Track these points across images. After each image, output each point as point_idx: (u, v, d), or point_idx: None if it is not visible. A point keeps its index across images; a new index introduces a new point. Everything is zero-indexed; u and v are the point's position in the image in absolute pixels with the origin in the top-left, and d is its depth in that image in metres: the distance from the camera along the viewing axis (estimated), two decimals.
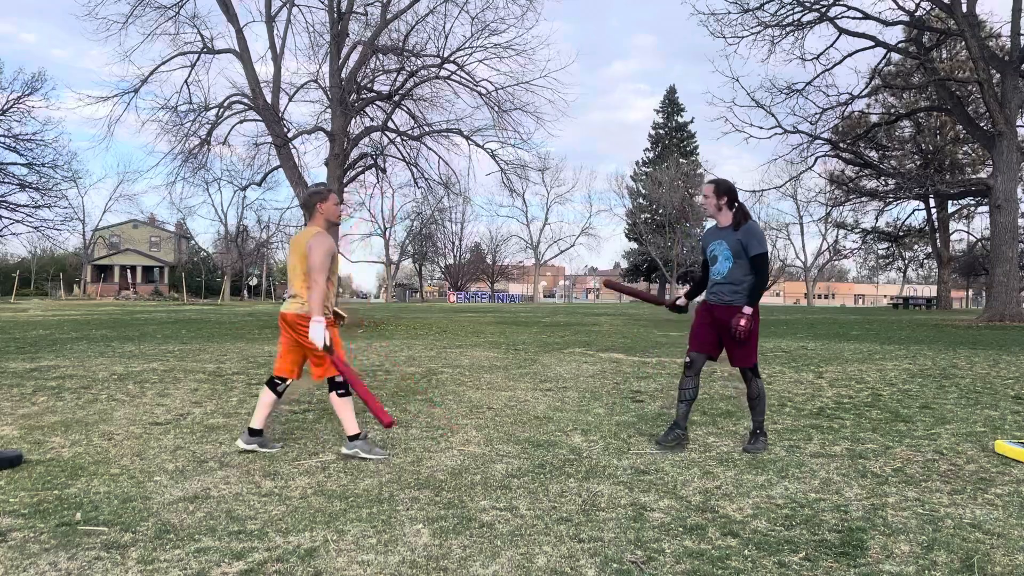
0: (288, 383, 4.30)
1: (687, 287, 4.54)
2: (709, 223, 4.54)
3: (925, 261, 54.84)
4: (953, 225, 42.17)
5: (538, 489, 3.45)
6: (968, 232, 46.66)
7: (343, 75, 18.45)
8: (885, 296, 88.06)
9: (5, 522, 2.94)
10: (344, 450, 4.15)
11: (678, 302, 4.69)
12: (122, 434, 4.63)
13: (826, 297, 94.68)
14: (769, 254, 4.30)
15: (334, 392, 4.14)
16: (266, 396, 4.28)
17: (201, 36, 18.37)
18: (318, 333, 3.94)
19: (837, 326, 19.07)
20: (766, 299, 76.59)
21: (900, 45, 25.49)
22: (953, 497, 3.38)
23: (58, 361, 8.66)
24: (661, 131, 71.79)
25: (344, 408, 4.12)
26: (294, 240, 4.25)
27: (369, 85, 19.77)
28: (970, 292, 68.59)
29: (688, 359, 4.37)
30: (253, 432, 4.24)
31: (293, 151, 18.80)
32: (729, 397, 6.29)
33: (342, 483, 3.54)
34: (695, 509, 3.17)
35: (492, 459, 4.03)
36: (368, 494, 3.36)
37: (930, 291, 65.78)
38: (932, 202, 38.41)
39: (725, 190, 4.33)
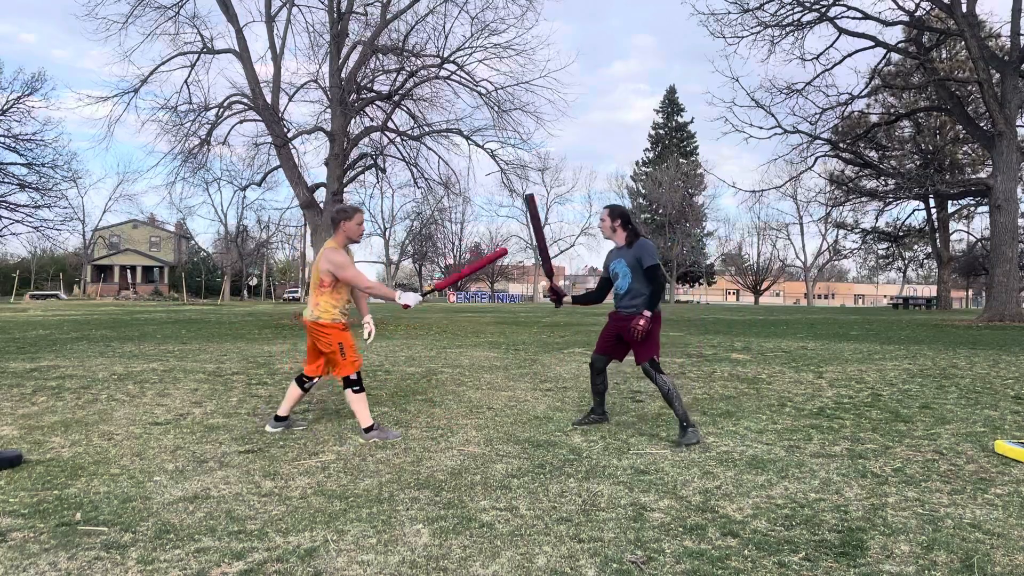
0: (315, 381, 4.76)
1: (570, 297, 5.13)
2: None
3: (925, 261, 54.91)
4: (953, 225, 42.20)
5: (538, 489, 3.45)
6: (968, 232, 46.73)
7: (343, 75, 18.45)
8: (885, 296, 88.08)
9: (5, 522, 2.94)
10: (362, 440, 4.51)
11: (564, 299, 5.05)
12: (122, 434, 4.63)
13: (826, 297, 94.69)
14: (661, 266, 4.78)
15: (349, 389, 4.54)
16: (294, 391, 4.75)
17: (201, 36, 18.38)
18: (407, 298, 4.48)
19: (837, 326, 19.07)
20: (766, 299, 76.57)
21: (900, 45, 25.50)
22: (953, 497, 3.38)
23: (58, 361, 8.66)
24: (661, 131, 71.79)
25: (358, 403, 4.53)
26: (319, 253, 4.64)
27: (369, 85, 19.76)
28: (970, 292, 68.60)
29: (591, 360, 5.01)
30: (279, 419, 4.76)
31: (293, 151, 18.81)
32: (729, 397, 6.29)
33: (342, 483, 3.54)
34: (695, 509, 3.17)
35: (492, 459, 4.03)
36: (368, 494, 3.36)
37: (930, 291, 65.82)
38: (932, 202, 38.43)
39: (619, 214, 4.86)
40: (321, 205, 18.91)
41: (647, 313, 4.49)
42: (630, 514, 3.09)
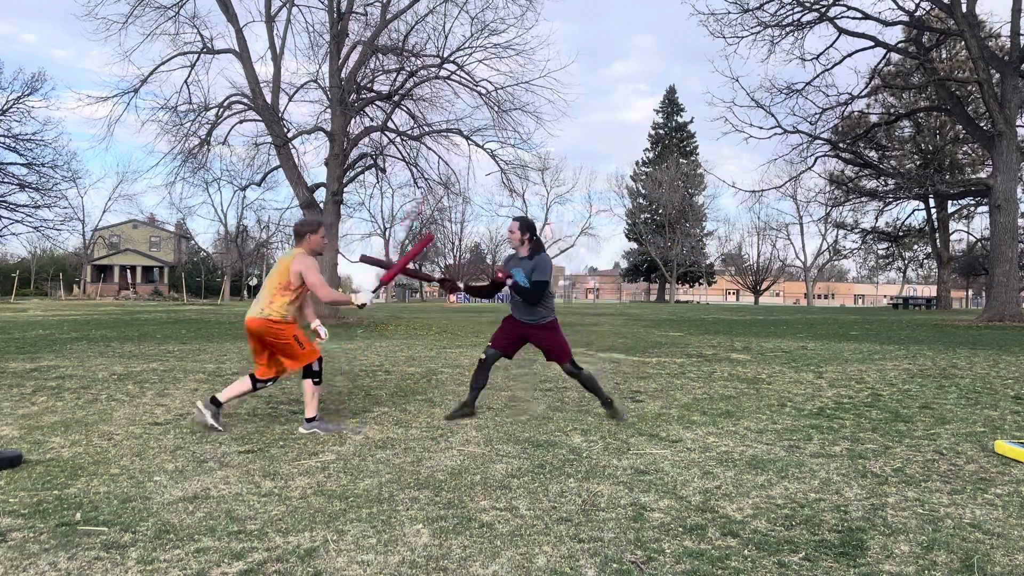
0: (268, 384, 4.82)
1: (462, 284, 5.32)
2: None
3: (925, 261, 54.90)
4: (953, 225, 42.18)
5: (538, 489, 3.45)
6: (968, 232, 46.71)
7: (343, 75, 18.45)
8: (885, 296, 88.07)
9: (5, 522, 2.94)
10: (302, 430, 4.72)
11: (460, 284, 5.13)
12: (122, 434, 4.63)
13: (826, 297, 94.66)
14: (550, 284, 5.05)
15: (308, 380, 4.72)
16: (243, 385, 4.79)
17: (201, 36, 18.38)
18: (363, 298, 4.67)
19: (837, 326, 19.07)
20: (766, 299, 76.53)
21: (900, 45, 25.50)
22: (953, 497, 3.38)
23: (58, 361, 8.66)
24: (661, 131, 71.79)
25: (311, 394, 4.71)
26: (281, 258, 4.85)
27: (369, 85, 19.76)
28: (970, 292, 68.61)
29: (484, 355, 5.14)
30: (215, 401, 4.73)
31: (293, 151, 18.81)
32: (729, 397, 6.29)
33: (342, 483, 3.54)
34: (695, 509, 3.17)
35: (492, 459, 4.03)
36: (368, 494, 3.36)
37: (930, 291, 65.77)
38: (932, 202, 38.42)
39: (528, 226, 5.08)
40: (321, 205, 18.90)
41: (511, 282, 4.91)
42: (630, 514, 3.09)
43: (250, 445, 4.34)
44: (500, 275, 4.96)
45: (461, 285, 5.13)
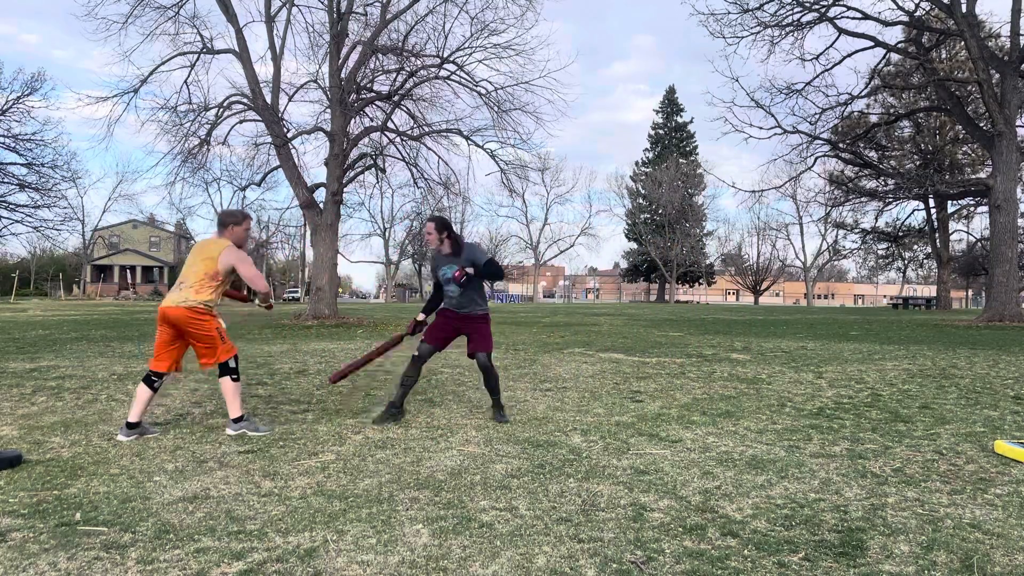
0: (165, 379, 4.63)
1: (422, 314, 5.44)
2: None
3: (925, 261, 54.89)
4: (953, 225, 42.18)
5: (538, 489, 3.45)
6: (968, 232, 46.71)
7: (343, 75, 18.45)
8: (885, 296, 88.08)
9: (5, 522, 2.94)
10: (229, 431, 4.57)
11: (418, 318, 5.25)
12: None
13: (826, 297, 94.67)
14: (494, 258, 5.28)
15: (227, 377, 4.56)
16: (143, 393, 4.52)
17: (201, 36, 18.39)
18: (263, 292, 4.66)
19: (837, 326, 19.07)
20: (765, 299, 76.57)
21: (900, 45, 25.49)
22: (953, 497, 3.38)
23: (58, 361, 8.66)
24: (661, 131, 71.80)
25: (233, 393, 4.57)
26: (201, 243, 4.69)
27: (369, 85, 19.77)
28: (970, 292, 68.60)
29: (417, 352, 5.14)
30: (131, 425, 4.49)
31: (293, 151, 18.82)
32: (729, 397, 6.29)
33: (342, 483, 3.54)
34: (695, 509, 3.17)
35: (492, 459, 4.03)
36: (368, 494, 3.36)
37: (930, 291, 65.77)
38: (932, 202, 38.43)
39: (443, 225, 5.13)
40: (321, 205, 18.91)
41: (469, 270, 4.93)
42: (630, 514, 3.09)
43: (250, 445, 4.34)
44: (458, 275, 4.97)
45: (423, 317, 5.24)
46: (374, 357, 5.43)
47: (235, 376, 4.60)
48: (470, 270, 4.95)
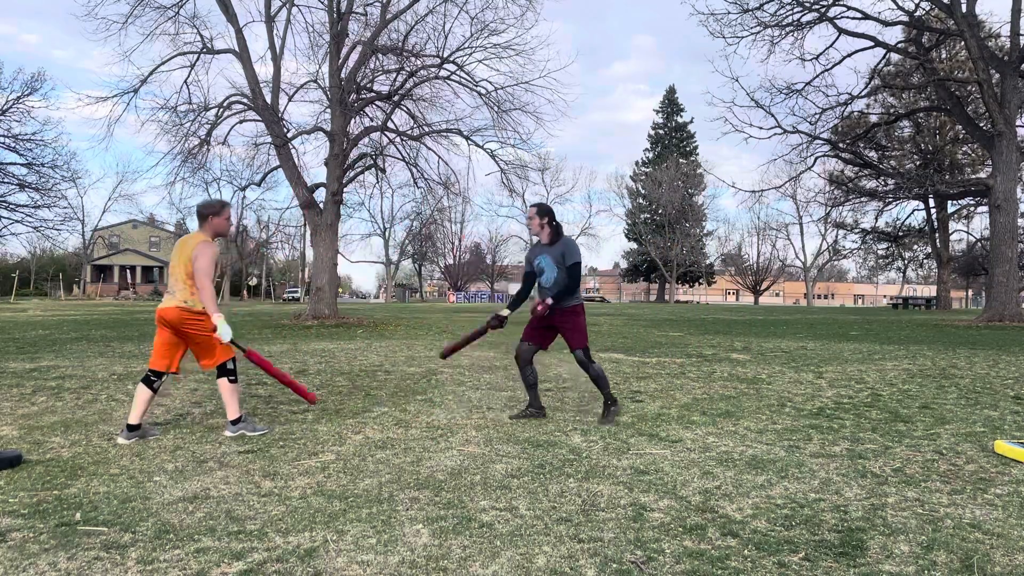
0: (164, 379, 4.61)
1: (506, 310, 5.21)
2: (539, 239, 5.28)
3: (925, 261, 54.88)
4: (953, 225, 42.18)
5: (538, 489, 3.45)
6: (968, 232, 46.72)
7: (343, 75, 18.45)
8: (885, 296, 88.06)
9: (5, 522, 2.94)
10: (228, 433, 4.55)
11: (502, 312, 5.19)
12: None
13: (826, 297, 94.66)
14: (582, 264, 5.07)
15: (224, 378, 4.54)
16: (143, 394, 4.49)
17: (201, 36, 18.38)
18: (224, 329, 4.38)
19: (837, 326, 19.07)
20: (765, 299, 76.58)
21: (900, 45, 25.49)
22: (953, 497, 3.38)
23: (58, 361, 8.66)
24: (661, 131, 71.81)
25: (231, 394, 4.54)
26: (179, 243, 4.61)
27: (369, 85, 19.77)
28: (970, 292, 68.61)
29: (516, 351, 5.15)
30: (131, 428, 4.46)
31: (292, 151, 18.81)
32: (729, 397, 6.29)
33: (342, 483, 3.54)
34: (695, 509, 3.17)
35: (492, 459, 4.03)
36: (368, 494, 3.36)
37: (930, 291, 65.78)
38: (932, 202, 38.43)
39: (545, 212, 5.07)
40: (321, 205, 18.91)
41: (549, 301, 4.90)
42: (630, 514, 3.09)
43: (250, 445, 4.34)
44: (540, 308, 4.93)
45: (506, 312, 5.17)
46: (463, 345, 5.45)
47: (233, 378, 4.56)
48: (549, 301, 4.91)
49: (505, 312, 5.19)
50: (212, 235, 4.64)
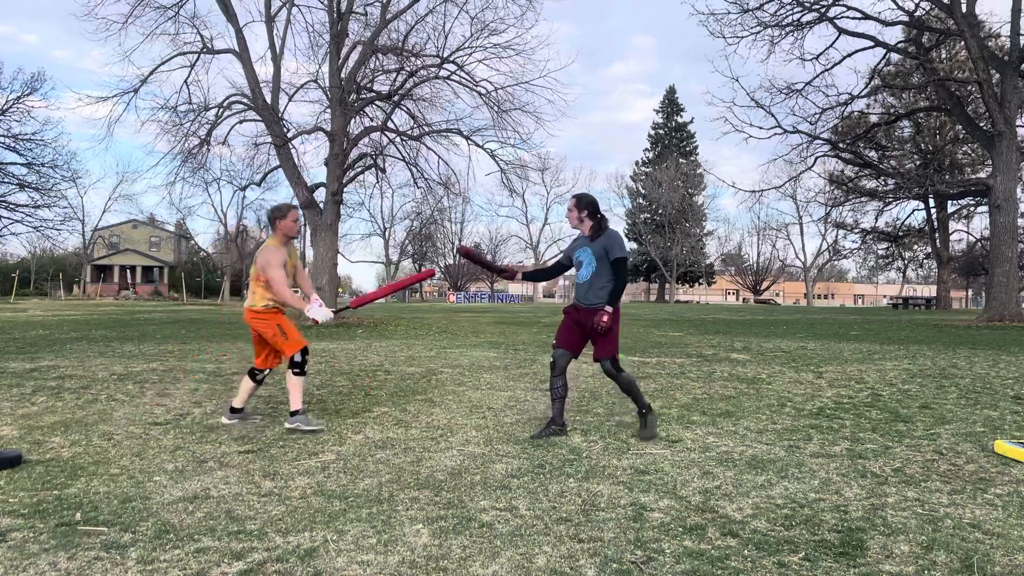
0: (267, 373, 5.04)
1: (521, 273, 5.04)
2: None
3: (925, 261, 54.86)
4: (953, 225, 42.17)
5: (538, 489, 3.45)
6: (968, 232, 46.69)
7: (343, 75, 18.45)
8: (885, 296, 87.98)
9: (5, 522, 2.94)
10: (287, 424, 4.76)
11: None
12: (122, 434, 4.63)
13: (826, 297, 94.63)
14: (628, 259, 4.72)
15: (291, 371, 4.79)
16: (247, 383, 5.01)
17: (201, 36, 18.38)
18: (318, 313, 4.72)
19: (837, 326, 19.07)
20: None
21: (900, 45, 25.47)
22: (953, 497, 3.38)
23: (58, 361, 8.66)
24: (661, 131, 71.75)
25: (295, 387, 4.77)
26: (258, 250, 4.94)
27: (369, 85, 19.76)
28: (970, 292, 68.58)
29: (552, 359, 4.69)
30: (235, 410, 4.99)
31: (293, 151, 18.81)
32: (729, 397, 6.29)
33: (342, 483, 3.54)
34: (695, 509, 3.17)
35: (492, 459, 4.03)
36: (368, 494, 3.36)
37: (930, 291, 65.74)
38: (932, 202, 38.40)
39: (586, 203, 4.71)
40: (321, 205, 18.91)
41: (609, 308, 4.48)
42: (630, 514, 3.09)
43: (250, 445, 4.34)
44: (605, 319, 4.43)
45: (519, 276, 5.10)
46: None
47: (298, 370, 4.77)
48: (609, 309, 4.47)
49: (519, 275, 5.08)
50: (282, 238, 4.87)
